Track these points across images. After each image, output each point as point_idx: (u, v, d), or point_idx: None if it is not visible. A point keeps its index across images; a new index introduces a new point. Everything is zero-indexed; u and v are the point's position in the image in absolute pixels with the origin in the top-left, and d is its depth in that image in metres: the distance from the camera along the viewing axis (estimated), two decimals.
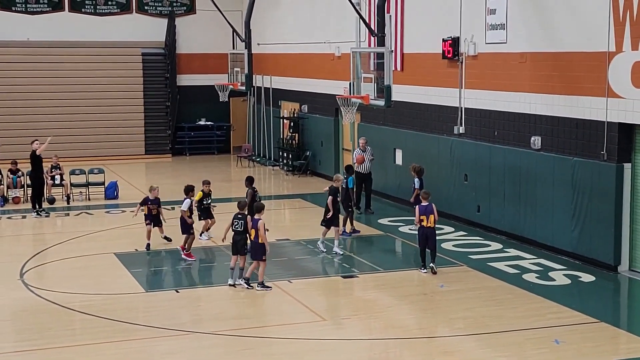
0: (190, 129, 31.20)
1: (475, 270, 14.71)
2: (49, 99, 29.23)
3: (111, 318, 12.22)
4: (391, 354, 11.05)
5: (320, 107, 25.37)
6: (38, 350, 11.01)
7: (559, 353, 10.67)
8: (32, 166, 20.00)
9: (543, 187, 15.89)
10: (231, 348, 11.04)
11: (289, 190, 24.14)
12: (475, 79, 17.99)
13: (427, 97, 19.74)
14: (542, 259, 15.37)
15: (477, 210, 17.93)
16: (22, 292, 13.71)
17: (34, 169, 20.01)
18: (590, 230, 14.79)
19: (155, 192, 16.52)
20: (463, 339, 11.31)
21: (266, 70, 28.97)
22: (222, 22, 25.92)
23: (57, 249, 16.85)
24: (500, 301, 12.97)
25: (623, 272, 14.41)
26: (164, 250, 16.38)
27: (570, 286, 13.83)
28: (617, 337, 11.51)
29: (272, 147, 29.08)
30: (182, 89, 30.95)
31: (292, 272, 14.78)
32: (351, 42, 18.23)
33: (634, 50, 13.67)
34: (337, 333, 11.62)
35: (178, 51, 30.91)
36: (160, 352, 11.08)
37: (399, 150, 20.94)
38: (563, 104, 15.40)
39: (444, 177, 18.92)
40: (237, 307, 13.06)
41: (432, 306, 12.83)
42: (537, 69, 16.09)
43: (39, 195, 20.14)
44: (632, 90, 13.78)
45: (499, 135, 17.30)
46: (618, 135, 14.22)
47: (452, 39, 18.34)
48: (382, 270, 14.84)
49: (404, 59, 20.63)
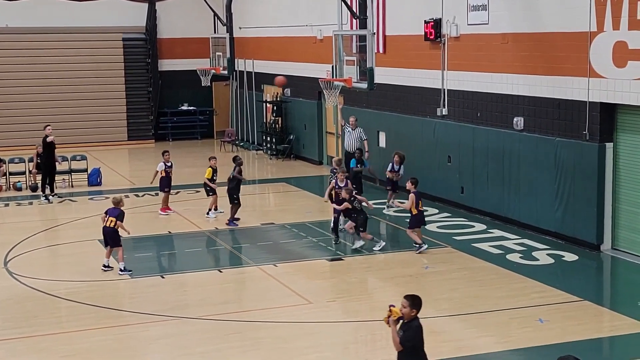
0: (173, 114, 31.07)
1: (460, 251, 14.80)
2: (29, 86, 28.97)
3: (97, 305, 12.20)
4: (377, 335, 11.10)
5: (303, 90, 25.31)
6: (24, 338, 10.98)
7: (543, 332, 10.77)
8: (44, 151, 20.15)
9: (526, 168, 15.97)
10: (218, 333, 11.06)
11: (273, 174, 24.12)
12: (457, 61, 18.00)
13: (410, 79, 19.74)
14: (526, 239, 15.48)
15: (461, 191, 18.00)
16: (7, 280, 13.65)
17: (45, 155, 20.13)
18: (573, 209, 14.89)
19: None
20: (448, 320, 11.38)
21: (248, 54, 28.84)
22: (203, 6, 25.77)
23: (41, 236, 16.77)
24: (484, 281, 13.06)
25: (605, 251, 14.53)
26: (149, 237, 16.35)
27: (553, 265, 13.94)
28: (601, 315, 11.63)
29: (255, 132, 29.01)
30: (163, 74, 30.78)
31: (278, 255, 14.80)
32: (333, 25, 18.15)
33: (615, 29, 13.72)
34: (323, 316, 11.67)
35: (159, 36, 30.71)
36: (147, 338, 11.08)
37: (382, 132, 20.96)
38: (545, 85, 15.45)
39: (428, 159, 18.96)
40: (222, 292, 13.07)
41: (417, 287, 12.88)
42: (519, 49, 16.12)
43: (51, 181, 20.35)
44: (613, 70, 13.84)
45: (482, 117, 17.35)
46: (600, 115, 14.30)
47: (434, 20, 18.33)
48: (367, 253, 14.89)
49: (387, 41, 20.60)
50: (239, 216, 17.15)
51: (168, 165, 18.16)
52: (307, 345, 10.56)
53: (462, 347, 10.34)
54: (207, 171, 17.62)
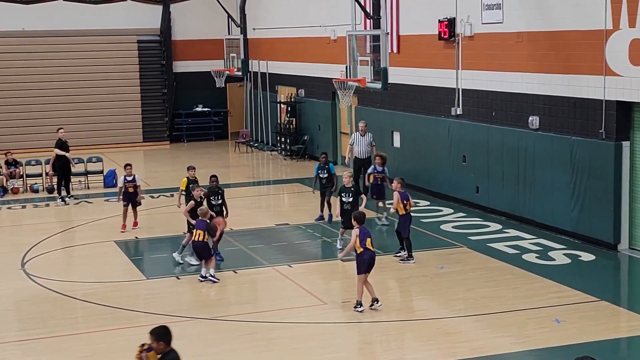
0: (188, 115, 31.15)
1: (475, 251, 14.74)
2: (45, 89, 29.16)
3: (113, 306, 12.25)
4: (392, 336, 11.09)
5: (317, 91, 25.31)
6: (42, 339, 11.05)
7: (560, 332, 10.71)
8: (59, 154, 20.26)
9: (542, 167, 15.88)
10: (232, 333, 11.07)
11: (287, 175, 24.13)
12: (472, 60, 17.94)
13: (424, 78, 19.69)
14: (542, 238, 15.40)
15: (476, 191, 17.94)
16: (24, 281, 13.73)
17: (60, 157, 20.24)
18: (589, 209, 14.80)
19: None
20: (464, 320, 11.34)
21: (262, 55, 28.88)
22: (217, 8, 25.84)
23: (57, 238, 16.86)
24: (500, 281, 13.00)
25: (623, 251, 14.43)
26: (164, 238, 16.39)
27: (570, 265, 13.86)
28: (618, 315, 11.54)
29: (269, 132, 29.04)
30: (178, 75, 30.88)
31: (292, 256, 14.80)
32: (347, 25, 18.11)
33: (631, 27, 13.62)
34: (337, 316, 11.65)
35: (173, 38, 30.81)
36: None
37: (396, 132, 20.91)
38: (560, 83, 15.37)
39: (443, 159, 18.91)
40: (237, 293, 13.09)
41: (432, 288, 12.86)
42: (534, 48, 16.04)
43: (67, 183, 20.48)
44: (629, 68, 13.74)
45: (497, 116, 17.28)
46: (616, 113, 14.20)
47: (448, 19, 18.27)
48: (382, 253, 14.85)
49: (400, 41, 20.56)
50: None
51: (129, 179, 16.84)
52: (321, 345, 10.55)
53: (478, 348, 10.29)
54: (182, 182, 16.12)
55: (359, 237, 11.62)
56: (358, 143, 19.21)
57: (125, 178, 16.89)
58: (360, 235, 11.64)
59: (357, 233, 11.65)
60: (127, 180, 16.85)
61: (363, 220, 11.82)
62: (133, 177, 16.90)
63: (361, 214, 11.95)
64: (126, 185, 16.80)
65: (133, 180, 16.86)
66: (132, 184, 16.82)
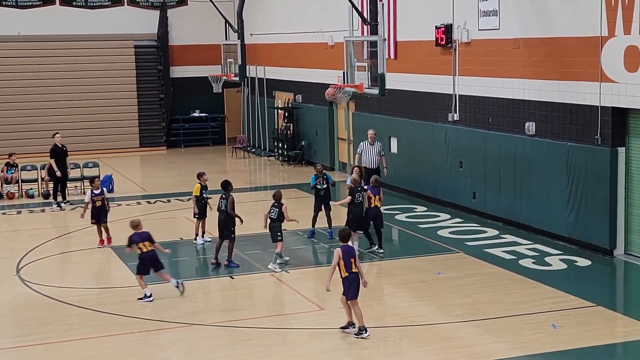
0: (185, 120, 31.16)
1: (472, 257, 14.75)
2: (41, 94, 29.13)
3: (109, 312, 12.23)
4: (389, 341, 11.08)
5: (315, 96, 25.34)
6: (37, 345, 11.02)
7: (556, 337, 10.72)
8: (56, 159, 20.23)
9: (538, 173, 15.91)
10: (229, 339, 11.05)
11: (285, 181, 24.12)
12: (468, 66, 17.98)
13: (421, 84, 19.73)
14: (538, 244, 15.41)
15: (473, 197, 17.96)
16: (19, 287, 13.71)
17: (57, 162, 20.21)
18: (585, 214, 14.82)
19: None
20: (461, 325, 11.34)
21: (259, 60, 28.91)
22: (214, 13, 25.86)
23: (53, 243, 16.83)
24: (497, 287, 13.01)
25: (619, 256, 14.45)
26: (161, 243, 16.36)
27: (566, 271, 13.87)
28: (614, 320, 11.56)
29: (267, 138, 29.05)
30: (175, 80, 30.88)
31: (290, 262, 14.78)
32: (344, 31, 18.16)
33: (626, 34, 13.67)
34: (335, 322, 11.64)
35: (170, 43, 30.83)
36: (158, 344, 11.10)
37: (394, 138, 20.94)
38: (557, 90, 15.41)
39: (440, 165, 18.93)
40: (234, 299, 13.08)
41: (429, 293, 12.87)
42: (531, 54, 16.08)
43: (62, 188, 20.43)
44: (625, 75, 13.78)
45: (494, 122, 17.31)
46: (612, 119, 14.24)
47: (445, 26, 18.31)
48: (379, 259, 14.85)
49: (398, 47, 20.60)
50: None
51: (96, 192, 16.25)
52: (318, 351, 10.54)
53: (475, 353, 10.29)
54: (195, 187, 16.03)
55: (343, 261, 10.75)
56: (367, 152, 18.15)
57: (92, 192, 16.29)
58: (343, 258, 10.75)
59: (340, 254, 10.74)
60: (94, 194, 16.22)
61: (348, 238, 11.06)
62: (101, 191, 16.39)
63: (345, 231, 11.13)
64: (94, 200, 16.17)
65: (101, 194, 16.31)
66: (99, 197, 16.21)
